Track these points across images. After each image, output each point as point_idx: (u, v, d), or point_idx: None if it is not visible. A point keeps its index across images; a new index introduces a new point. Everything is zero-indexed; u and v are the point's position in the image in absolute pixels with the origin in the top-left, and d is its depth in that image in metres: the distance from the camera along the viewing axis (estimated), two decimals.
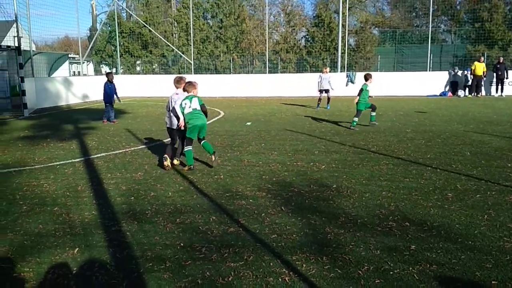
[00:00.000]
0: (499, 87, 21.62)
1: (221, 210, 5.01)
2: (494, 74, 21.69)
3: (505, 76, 21.36)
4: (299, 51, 26.92)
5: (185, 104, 6.90)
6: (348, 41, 25.61)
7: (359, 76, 22.90)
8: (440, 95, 22.41)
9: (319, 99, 16.66)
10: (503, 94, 21.49)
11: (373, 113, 11.42)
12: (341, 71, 23.96)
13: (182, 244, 4.09)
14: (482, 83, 21.93)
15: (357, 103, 11.22)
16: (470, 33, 27.19)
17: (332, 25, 25.92)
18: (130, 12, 28.86)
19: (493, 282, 3.31)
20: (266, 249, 3.95)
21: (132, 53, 27.18)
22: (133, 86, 24.60)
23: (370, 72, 13.11)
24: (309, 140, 9.51)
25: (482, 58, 21.96)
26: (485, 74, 21.51)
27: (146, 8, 27.80)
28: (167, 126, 7.45)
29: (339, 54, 24.16)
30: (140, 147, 9.10)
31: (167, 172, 6.84)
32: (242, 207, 5.11)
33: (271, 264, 3.67)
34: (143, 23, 26.31)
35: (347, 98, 20.84)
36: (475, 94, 21.78)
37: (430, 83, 22.70)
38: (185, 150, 6.97)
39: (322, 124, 12.19)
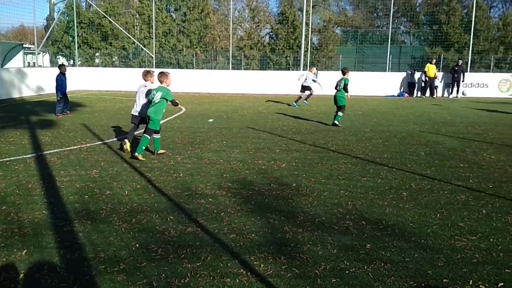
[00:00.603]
0: (455, 88, 22.51)
1: (179, 210, 4.92)
2: (451, 76, 22.54)
3: (462, 79, 22.25)
4: (263, 48, 26.96)
5: (154, 94, 7.42)
6: (311, 39, 25.88)
7: (321, 74, 23.24)
8: (398, 95, 23.06)
9: (302, 97, 16.88)
10: (459, 95, 22.38)
11: (340, 114, 11.62)
12: (303, 70, 24.17)
13: (137, 245, 3.98)
14: (436, 84, 22.76)
15: (337, 99, 11.45)
16: (428, 35, 28.16)
17: (296, 23, 26.11)
18: (90, 2, 27.91)
19: (444, 280, 3.42)
20: (224, 249, 3.92)
21: (91, 45, 26.33)
22: (91, 79, 23.83)
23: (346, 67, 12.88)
24: (271, 138, 9.54)
25: (434, 60, 22.84)
26: (435, 75, 22.38)
27: None
28: (132, 113, 8.17)
29: (302, 52, 24.38)
30: (97, 143, 8.82)
31: (124, 170, 6.66)
32: (201, 206, 5.05)
33: (229, 264, 3.64)
34: (103, 13, 25.53)
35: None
36: (430, 95, 22.59)
37: (388, 83, 23.33)
38: (154, 137, 7.61)
39: (284, 122, 12.26)
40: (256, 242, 4.08)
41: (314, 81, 16.95)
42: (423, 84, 22.79)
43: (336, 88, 11.60)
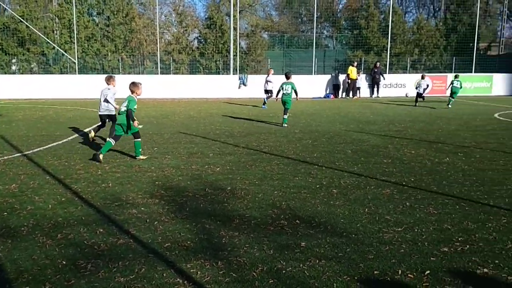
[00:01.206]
0: (375, 89, 23.88)
1: (109, 221, 4.70)
2: (371, 78, 23.90)
3: (381, 80, 23.68)
4: (192, 52, 26.73)
5: (123, 104, 7.82)
6: (239, 44, 26.10)
7: (251, 78, 23.55)
8: (324, 97, 23.94)
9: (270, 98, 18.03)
10: (379, 95, 23.74)
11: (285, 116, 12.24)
12: (233, 74, 24.32)
13: (64, 262, 3.74)
14: (359, 85, 23.98)
15: (287, 102, 12.10)
16: (350, 39, 29.59)
17: (224, 27, 26.20)
18: (4, 6, 25.98)
19: (375, 272, 3.57)
20: (159, 259, 3.80)
21: (6, 51, 24.46)
22: (7, 87, 22.18)
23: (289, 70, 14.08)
24: (204, 143, 9.45)
25: (356, 63, 24.11)
26: (356, 77, 23.66)
27: (23, 1, 25.21)
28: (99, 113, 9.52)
29: (231, 56, 24.52)
30: (15, 155, 8.19)
31: (47, 182, 6.25)
32: (133, 216, 4.86)
33: (165, 274, 3.53)
34: (19, 18, 23.86)
35: (240, 100, 21.27)
36: (353, 96, 23.75)
37: (315, 86, 24.14)
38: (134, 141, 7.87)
39: (216, 126, 12.22)
40: (192, 249, 4.01)
41: (245, 84, 17.51)
42: (347, 86, 23.90)
43: (282, 91, 12.21)
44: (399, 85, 24.63)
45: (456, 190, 5.85)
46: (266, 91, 18.08)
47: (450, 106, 17.58)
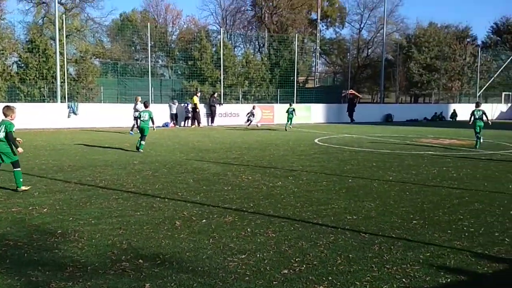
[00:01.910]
0: (211, 118, 24.84)
1: None
2: (209, 107, 24.79)
3: (216, 109, 24.80)
4: (10, 78, 23.80)
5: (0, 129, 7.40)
6: (68, 70, 24.25)
7: (83, 107, 22.04)
8: (163, 126, 23.77)
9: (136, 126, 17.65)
10: (214, 124, 24.69)
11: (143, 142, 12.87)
12: (62, 102, 22.39)
13: None
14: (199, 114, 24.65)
15: (144, 128, 12.99)
16: (185, 69, 30.26)
17: (49, 52, 24.11)
18: None
19: None
20: None
21: None
22: None
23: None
24: (27, 180, 8.31)
25: (199, 93, 24.86)
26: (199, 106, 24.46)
27: None
28: None
29: (58, 83, 22.58)
30: None
31: None
32: None
33: None
34: None
35: (70, 130, 19.63)
36: (192, 124, 24.22)
37: (153, 114, 23.79)
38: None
39: (42, 160, 10.95)
40: None
41: (75, 113, 16.46)
42: (189, 115, 24.22)
43: (140, 119, 13.34)
44: (233, 114, 26.00)
45: (290, 212, 6.32)
46: (135, 118, 17.85)
47: (291, 127, 21.89)
